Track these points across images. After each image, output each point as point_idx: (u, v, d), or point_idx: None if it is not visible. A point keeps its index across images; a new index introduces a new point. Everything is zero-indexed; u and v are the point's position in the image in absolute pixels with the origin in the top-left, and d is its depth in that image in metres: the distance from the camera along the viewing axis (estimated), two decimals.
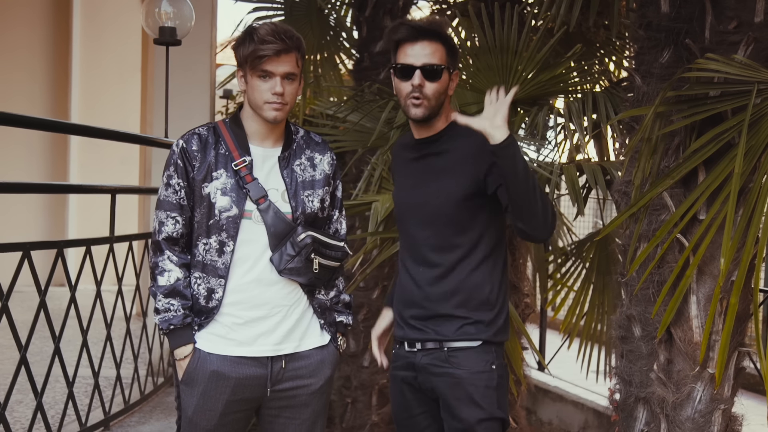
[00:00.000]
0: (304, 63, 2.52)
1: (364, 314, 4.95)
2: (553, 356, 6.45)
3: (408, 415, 2.72)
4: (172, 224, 2.48)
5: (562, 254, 4.52)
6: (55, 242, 3.80)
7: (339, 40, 5.72)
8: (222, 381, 2.46)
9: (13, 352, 3.50)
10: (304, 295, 2.55)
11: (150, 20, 6.07)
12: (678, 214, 2.71)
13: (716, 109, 2.67)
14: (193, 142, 2.48)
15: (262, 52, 2.39)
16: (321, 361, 2.58)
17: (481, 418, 2.56)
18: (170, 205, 2.48)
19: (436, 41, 2.57)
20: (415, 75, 2.54)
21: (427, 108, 2.57)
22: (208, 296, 2.47)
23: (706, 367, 2.81)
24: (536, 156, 3.92)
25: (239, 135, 2.51)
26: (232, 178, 2.46)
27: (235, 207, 2.44)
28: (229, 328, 2.48)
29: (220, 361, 2.47)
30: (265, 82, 2.42)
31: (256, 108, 2.47)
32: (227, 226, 2.44)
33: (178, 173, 2.47)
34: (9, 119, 3.74)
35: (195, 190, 2.46)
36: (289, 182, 2.51)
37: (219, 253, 2.46)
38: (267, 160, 2.52)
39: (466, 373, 2.57)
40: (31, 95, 9.13)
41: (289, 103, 2.46)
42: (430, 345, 2.62)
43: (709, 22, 2.85)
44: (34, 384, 3.56)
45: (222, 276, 2.46)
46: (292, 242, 2.46)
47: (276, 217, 2.46)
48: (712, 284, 2.80)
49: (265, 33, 2.40)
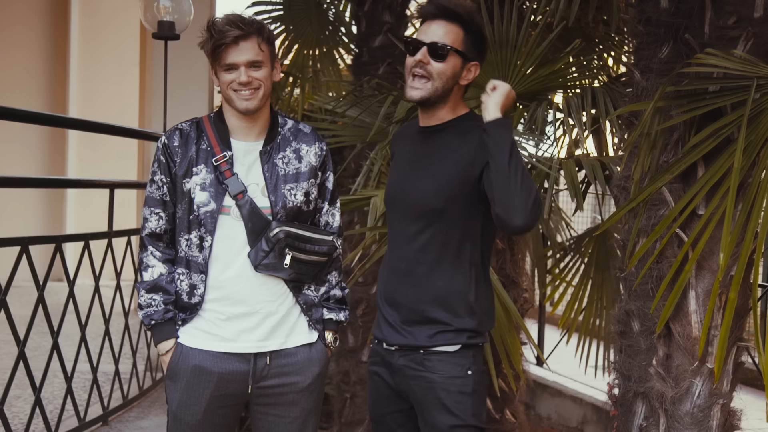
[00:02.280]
0: (272, 49, 2.48)
1: (363, 309, 4.95)
2: (551, 351, 6.46)
3: (386, 411, 2.65)
4: (156, 220, 2.50)
5: (561, 249, 4.52)
6: (53, 237, 3.79)
7: (338, 35, 5.70)
8: (204, 376, 2.45)
9: (11, 347, 3.50)
10: (289, 291, 2.52)
11: (149, 14, 6.06)
12: (677, 209, 2.71)
13: (716, 104, 2.67)
14: (174, 137, 2.48)
15: (220, 41, 2.38)
16: (308, 359, 2.55)
17: (453, 425, 2.47)
18: (154, 201, 2.50)
19: (455, 23, 2.46)
20: (421, 51, 2.44)
21: (427, 91, 2.46)
22: (191, 292, 2.48)
23: (705, 361, 2.82)
24: (535, 151, 3.92)
25: (221, 130, 2.50)
26: (211, 173, 2.45)
27: (213, 202, 2.43)
28: (212, 324, 2.47)
29: (203, 356, 2.46)
30: (231, 74, 2.42)
31: (228, 101, 2.47)
32: (205, 221, 2.44)
33: (161, 169, 2.48)
34: (7, 113, 3.73)
35: (177, 185, 2.46)
36: (269, 177, 2.48)
37: (199, 249, 2.46)
38: (248, 154, 2.50)
39: (440, 377, 2.48)
40: (29, 89, 9.11)
41: (261, 90, 2.44)
42: (406, 344, 2.54)
43: (708, 18, 2.85)
44: (33, 379, 3.56)
45: (203, 272, 2.46)
46: (266, 237, 2.43)
47: (253, 213, 2.44)
48: (711, 279, 2.81)
49: (221, 24, 2.40)
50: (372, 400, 2.69)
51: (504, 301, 3.48)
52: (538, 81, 3.89)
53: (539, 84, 3.90)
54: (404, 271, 2.56)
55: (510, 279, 4.22)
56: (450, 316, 2.50)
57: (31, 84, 9.19)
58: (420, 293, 2.52)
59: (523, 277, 4.39)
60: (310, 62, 5.71)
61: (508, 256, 4.24)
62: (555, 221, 4.82)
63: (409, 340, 2.53)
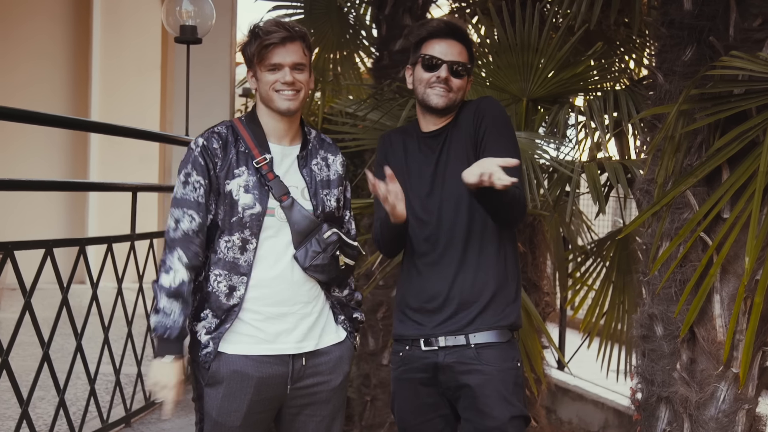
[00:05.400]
0: (311, 56, 2.53)
1: (383, 312, 4.95)
2: (573, 355, 6.42)
3: (423, 419, 2.67)
4: (188, 221, 2.43)
5: (582, 253, 4.51)
6: (77, 240, 3.82)
7: (358, 39, 5.71)
8: (245, 381, 2.45)
9: (35, 349, 3.53)
10: (322, 292, 2.56)
11: (171, 19, 6.09)
12: (701, 212, 2.69)
13: (740, 107, 2.65)
14: (213, 140, 2.47)
15: (267, 41, 2.41)
16: (340, 357, 2.58)
17: (514, 416, 2.55)
18: (188, 203, 2.43)
19: (462, 43, 2.64)
20: (443, 68, 2.59)
21: (450, 100, 2.61)
22: (230, 293, 2.45)
23: (729, 366, 2.79)
24: (557, 154, 3.91)
25: (257, 133, 2.51)
26: (253, 175, 2.45)
27: (258, 204, 2.43)
28: (250, 326, 2.47)
29: (243, 361, 2.45)
30: (275, 74, 2.44)
31: (268, 102, 2.47)
32: (251, 224, 2.43)
33: (197, 171, 2.44)
34: (31, 117, 3.77)
35: (216, 187, 2.45)
36: (309, 180, 2.52)
37: (242, 251, 2.45)
38: (285, 158, 2.52)
39: (496, 370, 2.56)
40: (51, 93, 9.18)
41: (302, 92, 2.47)
42: (452, 342, 2.59)
43: (733, 20, 2.83)
44: (57, 381, 3.59)
45: (244, 273, 2.45)
46: (318, 239, 2.46)
47: (300, 214, 2.46)
48: (736, 283, 2.78)
49: (268, 25, 2.44)
50: (409, 408, 2.69)
51: (525, 304, 3.47)
52: (560, 84, 3.88)
53: (561, 87, 3.90)
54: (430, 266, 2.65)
55: (531, 282, 4.21)
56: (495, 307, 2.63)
57: (54, 88, 9.26)
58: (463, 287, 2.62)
59: (544, 281, 4.38)
60: (330, 65, 5.73)
61: (530, 259, 4.23)
62: (576, 225, 4.81)
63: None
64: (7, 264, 3.23)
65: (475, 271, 2.59)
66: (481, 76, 3.97)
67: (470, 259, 2.59)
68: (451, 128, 2.65)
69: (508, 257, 2.64)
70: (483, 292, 2.59)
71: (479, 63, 3.94)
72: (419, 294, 2.65)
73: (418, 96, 2.66)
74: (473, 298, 2.58)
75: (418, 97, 2.66)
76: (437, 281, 2.61)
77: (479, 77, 3.96)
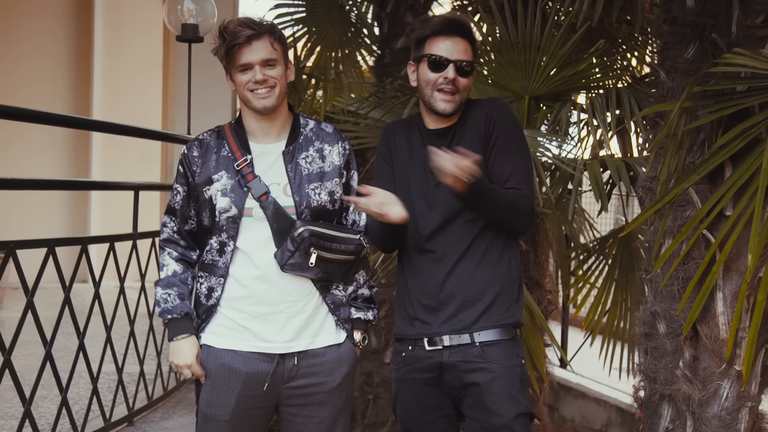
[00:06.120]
0: (285, 48, 2.51)
1: (386, 311, 4.94)
2: (575, 353, 6.42)
3: (427, 420, 2.66)
4: (170, 227, 2.58)
5: (585, 251, 4.50)
6: (79, 239, 3.82)
7: (360, 37, 5.71)
8: (233, 375, 2.46)
9: (38, 348, 3.53)
10: (316, 290, 2.53)
11: (173, 17, 6.10)
12: (704, 210, 2.68)
13: (743, 104, 2.64)
14: (194, 148, 2.53)
15: (233, 42, 2.42)
16: (337, 359, 2.55)
17: (520, 413, 2.54)
18: (170, 209, 2.58)
19: (467, 39, 2.61)
20: (449, 68, 2.56)
21: (457, 103, 2.59)
22: (208, 294, 2.52)
23: (732, 364, 2.79)
24: (559, 152, 3.91)
25: (240, 134, 2.53)
26: (232, 178, 2.47)
27: (234, 207, 2.46)
28: (237, 323, 2.49)
29: (230, 356, 2.48)
30: (246, 74, 2.45)
31: (246, 102, 2.49)
32: (227, 227, 2.47)
33: (178, 178, 2.56)
34: (32, 116, 3.77)
35: (197, 195, 2.51)
36: (292, 176, 2.50)
37: (220, 253, 2.49)
38: (267, 155, 2.52)
39: (502, 368, 2.54)
40: (53, 93, 9.18)
41: (277, 88, 2.46)
42: (456, 341, 2.57)
43: (735, 17, 2.82)
44: (59, 380, 3.59)
45: (222, 275, 2.49)
46: (291, 237, 2.44)
47: (277, 213, 2.45)
48: (739, 281, 2.78)
49: (233, 25, 2.44)
50: (413, 408, 2.67)
51: (528, 302, 3.47)
52: (562, 82, 3.88)
53: (563, 85, 3.89)
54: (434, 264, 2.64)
55: (534, 280, 4.21)
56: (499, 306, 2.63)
57: (56, 87, 9.26)
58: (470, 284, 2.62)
59: (546, 279, 4.38)
60: (332, 64, 5.72)
61: (532, 257, 4.23)
62: (578, 222, 4.80)
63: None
64: (9, 263, 3.24)
65: (478, 268, 2.57)
66: (483, 73, 3.97)
67: (474, 257, 2.57)
68: (458, 128, 2.63)
69: (511, 256, 2.63)
70: (487, 290, 2.57)
71: (481, 61, 3.93)
72: (422, 291, 2.62)
73: (423, 97, 2.63)
74: (477, 296, 2.57)
75: (423, 98, 2.63)
76: (441, 278, 2.58)
77: (481, 75, 3.95)
